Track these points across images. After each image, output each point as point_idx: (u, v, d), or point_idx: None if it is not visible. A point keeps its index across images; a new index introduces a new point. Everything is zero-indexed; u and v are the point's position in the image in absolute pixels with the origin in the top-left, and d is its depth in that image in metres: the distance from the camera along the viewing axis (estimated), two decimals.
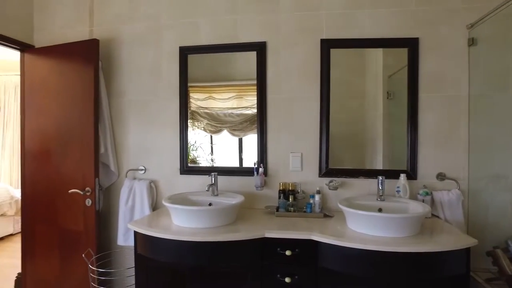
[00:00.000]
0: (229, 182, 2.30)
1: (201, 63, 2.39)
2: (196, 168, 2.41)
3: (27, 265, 2.62)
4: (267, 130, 2.27)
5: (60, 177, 2.45)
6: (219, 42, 2.32)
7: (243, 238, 1.70)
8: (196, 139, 2.42)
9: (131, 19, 2.49)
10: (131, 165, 2.51)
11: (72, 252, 2.38)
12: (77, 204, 2.36)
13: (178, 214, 1.85)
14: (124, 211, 2.40)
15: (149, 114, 2.47)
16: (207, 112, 2.40)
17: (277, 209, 2.08)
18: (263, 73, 2.25)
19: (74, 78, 2.39)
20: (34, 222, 2.58)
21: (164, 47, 2.43)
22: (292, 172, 2.23)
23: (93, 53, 2.31)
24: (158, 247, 1.79)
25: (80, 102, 2.36)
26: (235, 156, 2.38)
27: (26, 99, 2.61)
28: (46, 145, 2.53)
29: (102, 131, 2.43)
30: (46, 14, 2.65)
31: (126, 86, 2.51)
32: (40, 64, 2.55)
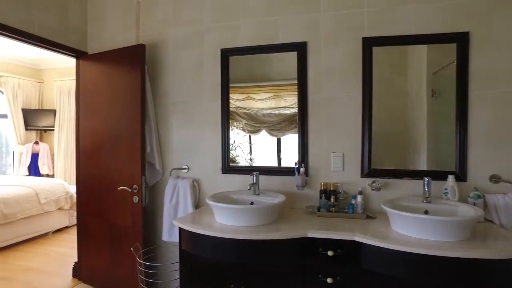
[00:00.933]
0: (268, 182, 2.33)
1: (240, 64, 2.44)
2: (237, 167, 2.46)
3: (82, 254, 2.83)
4: (308, 130, 2.26)
5: (110, 174, 2.62)
6: (259, 43, 2.35)
7: (284, 237, 1.71)
8: (235, 139, 2.47)
9: (174, 24, 2.60)
10: (175, 164, 2.61)
11: (121, 245, 2.53)
12: (125, 201, 2.51)
13: (221, 212, 1.91)
14: (169, 209, 2.51)
15: (192, 115, 2.56)
16: (246, 112, 2.45)
17: (318, 209, 2.08)
18: (304, 73, 2.25)
19: (122, 81, 2.55)
20: (88, 216, 2.78)
21: (206, 49, 2.51)
22: (333, 172, 2.21)
23: (140, 57, 2.44)
24: (202, 243, 1.86)
25: (128, 104, 2.50)
26: (274, 156, 2.41)
27: (80, 102, 2.82)
28: (97, 144, 2.71)
29: (148, 131, 2.56)
30: (98, 23, 2.84)
31: (170, 88, 2.62)
32: (92, 69, 2.74)
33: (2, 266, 3.20)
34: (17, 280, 2.91)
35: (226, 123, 2.46)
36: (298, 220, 1.97)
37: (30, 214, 3.82)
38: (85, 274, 2.81)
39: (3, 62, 5.45)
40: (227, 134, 2.46)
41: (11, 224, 3.63)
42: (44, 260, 3.35)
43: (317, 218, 2.00)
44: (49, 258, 3.41)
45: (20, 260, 3.37)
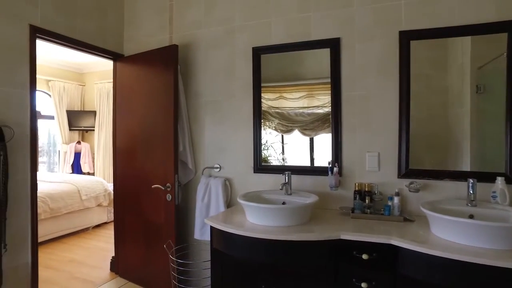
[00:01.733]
0: (301, 181, 2.29)
1: (272, 63, 2.42)
2: (269, 166, 2.44)
3: (119, 249, 2.95)
4: (342, 129, 2.19)
5: (144, 173, 2.70)
6: (291, 40, 2.32)
7: (317, 238, 1.67)
8: (267, 138, 2.46)
9: (206, 24, 2.63)
10: (207, 163, 2.64)
11: (155, 242, 2.60)
12: (159, 198, 2.57)
13: (252, 212, 1.90)
14: (201, 207, 2.55)
15: (224, 114, 2.57)
16: (278, 111, 2.42)
17: (352, 211, 2.01)
18: (337, 70, 2.19)
19: (156, 81, 2.61)
20: (124, 212, 2.89)
21: (237, 48, 2.51)
22: (368, 172, 2.13)
23: (173, 58, 2.49)
24: (233, 242, 1.85)
25: (161, 103, 2.56)
26: (306, 156, 2.36)
27: (117, 103, 2.93)
28: (133, 143, 2.80)
29: (181, 131, 2.61)
30: (133, 26, 2.94)
31: (202, 87, 2.66)
32: (128, 71, 2.84)
33: (49, 256, 3.41)
34: (62, 270, 3.09)
35: (258, 122, 2.44)
36: (331, 221, 1.91)
37: (73, 209, 4.05)
38: (121, 268, 2.92)
39: (50, 67, 5.82)
40: (259, 133, 2.45)
41: (56, 218, 3.86)
42: (85, 253, 3.53)
43: (351, 219, 1.93)
44: (89, 251, 3.59)
45: (64, 251, 3.57)
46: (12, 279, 2.09)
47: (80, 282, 2.84)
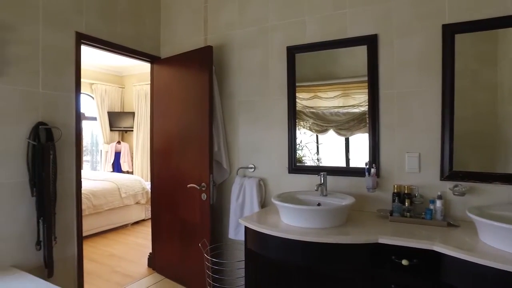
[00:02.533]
0: (336, 182, 2.23)
1: (306, 62, 2.38)
2: (303, 167, 2.41)
3: (156, 246, 3.04)
4: (380, 128, 2.12)
5: (180, 172, 2.77)
6: (326, 39, 2.27)
7: (354, 241, 1.62)
8: (302, 138, 2.42)
9: (240, 24, 2.65)
10: (242, 163, 2.66)
11: (190, 240, 2.65)
12: (194, 198, 2.62)
13: (287, 213, 1.88)
14: (235, 207, 2.57)
15: (258, 114, 2.58)
16: (313, 111, 2.38)
17: (391, 213, 1.93)
18: (375, 68, 2.11)
19: (191, 83, 2.67)
20: (160, 210, 2.98)
21: (271, 48, 2.50)
22: (408, 173, 2.03)
23: (207, 59, 2.53)
24: (267, 243, 1.85)
25: (196, 104, 2.61)
26: (341, 156, 2.30)
27: (154, 104, 3.03)
28: (169, 144, 2.88)
29: (216, 131, 2.64)
30: (169, 28, 3.03)
31: (236, 87, 2.68)
32: (165, 73, 2.93)
33: (92, 250, 3.60)
34: (103, 264, 3.25)
35: (293, 122, 2.42)
36: (368, 224, 1.85)
37: (113, 206, 4.25)
38: (158, 264, 3.02)
39: (93, 71, 6.15)
40: (294, 133, 2.42)
41: (98, 214, 4.07)
42: (124, 248, 3.68)
43: (390, 223, 1.86)
44: (128, 247, 3.74)
45: (106, 246, 3.76)
46: (61, 270, 2.22)
47: (120, 276, 2.97)
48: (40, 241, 2.08)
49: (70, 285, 2.29)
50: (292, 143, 2.42)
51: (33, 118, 2.07)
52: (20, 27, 2.02)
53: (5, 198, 1.96)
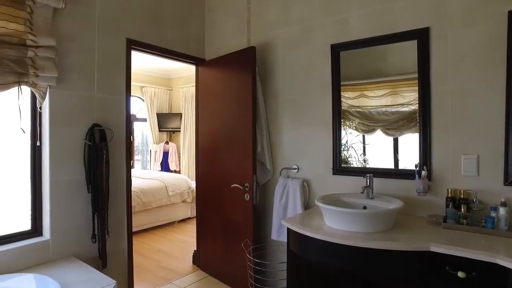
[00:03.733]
0: (384, 185, 2.12)
1: (351, 61, 2.30)
2: (349, 168, 2.33)
3: (200, 244, 3.12)
4: (432, 128, 1.97)
5: (224, 172, 2.81)
6: (372, 35, 2.17)
7: (402, 248, 1.52)
8: (347, 138, 2.34)
9: (283, 23, 2.62)
10: (285, 163, 2.63)
11: (234, 239, 2.68)
12: (237, 198, 2.65)
13: (330, 215, 1.82)
14: (278, 208, 2.55)
15: (302, 114, 2.53)
16: (359, 110, 2.29)
17: (444, 220, 1.79)
18: (426, 64, 1.97)
19: (234, 83, 2.70)
20: (205, 209, 3.05)
21: (315, 46, 2.45)
22: (464, 177, 1.87)
23: (250, 60, 2.54)
24: (309, 246, 1.80)
25: (240, 105, 2.63)
26: (389, 157, 2.18)
27: (199, 105, 3.11)
28: (213, 144, 2.94)
29: (259, 131, 2.64)
30: (213, 31, 3.09)
31: (280, 87, 2.66)
32: (209, 74, 3.00)
33: (141, 245, 3.79)
34: (151, 258, 3.40)
35: (338, 122, 2.35)
36: (418, 230, 1.73)
37: (161, 204, 4.44)
38: (202, 262, 3.09)
39: (143, 74, 6.49)
40: (339, 133, 2.35)
41: (147, 211, 4.28)
42: (170, 245, 3.83)
43: (443, 230, 1.72)
44: (174, 243, 3.89)
45: (154, 242, 3.94)
46: (114, 262, 2.36)
47: (166, 271, 3.09)
48: (95, 235, 2.23)
49: (121, 277, 2.42)
50: (337, 143, 2.35)
51: (89, 120, 2.23)
52: (79, 37, 2.19)
53: (66, 194, 2.13)
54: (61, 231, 2.10)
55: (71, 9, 2.13)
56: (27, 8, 1.92)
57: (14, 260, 1.90)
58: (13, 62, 1.85)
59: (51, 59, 1.99)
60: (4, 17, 1.83)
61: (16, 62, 1.86)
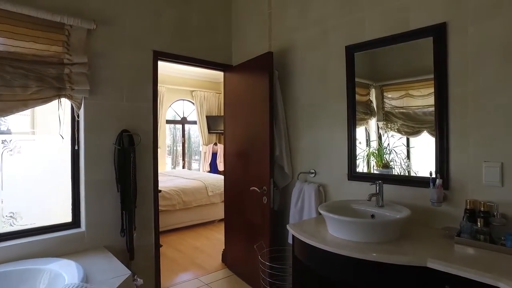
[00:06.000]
0: (399, 192, 2.00)
1: (393, 58, 2.14)
2: (363, 174, 2.23)
3: (227, 244, 3.24)
4: (449, 132, 1.81)
5: (245, 175, 2.89)
6: (388, 33, 2.05)
7: (396, 262, 1.44)
8: (389, 142, 2.18)
9: (301, 27, 2.61)
10: (303, 167, 2.62)
11: (253, 241, 2.74)
12: (256, 200, 2.70)
13: (331, 223, 1.78)
14: (294, 212, 2.54)
15: (319, 118, 2.50)
16: (403, 111, 2.15)
17: (458, 234, 1.63)
18: (442, 62, 1.81)
19: (254, 88, 2.76)
20: (230, 211, 3.16)
21: (331, 49, 2.40)
22: (485, 187, 1.68)
23: (267, 65, 2.57)
24: (308, 252, 1.79)
25: (258, 109, 2.68)
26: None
27: (226, 110, 3.23)
28: (237, 147, 3.04)
29: (278, 135, 2.66)
30: (239, 37, 3.19)
31: (298, 91, 2.65)
32: (234, 80, 3.10)
33: (179, 241, 4.05)
34: (186, 254, 3.63)
35: (352, 125, 2.27)
36: (426, 243, 1.61)
37: (201, 203, 4.67)
38: (229, 261, 3.21)
39: (193, 79, 6.88)
40: (354, 137, 2.27)
41: (188, 210, 4.55)
42: (207, 243, 4.03)
43: (455, 245, 1.57)
44: (210, 241, 4.08)
45: (192, 239, 4.18)
46: (141, 255, 2.59)
47: (196, 267, 3.27)
48: (124, 229, 2.47)
49: (148, 268, 2.64)
50: (351, 148, 2.27)
51: (119, 126, 2.48)
52: (109, 53, 2.45)
53: (98, 192, 2.40)
54: (94, 225, 2.38)
55: (102, 28, 2.39)
56: (65, 32, 2.21)
57: (58, 246, 2.21)
58: (53, 78, 2.15)
59: (84, 74, 2.27)
60: (47, 42, 2.15)
61: (56, 79, 2.16)
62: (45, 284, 1.89)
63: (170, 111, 7.01)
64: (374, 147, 2.26)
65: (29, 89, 2.06)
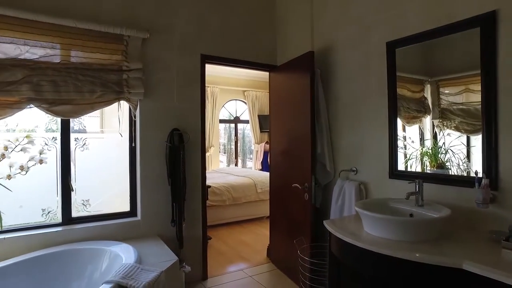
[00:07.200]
0: (442, 192, 1.91)
1: (449, 51, 1.99)
2: (405, 173, 2.16)
3: (272, 239, 3.33)
4: (498, 128, 1.68)
5: (288, 172, 2.95)
6: (432, 26, 1.96)
7: (429, 261, 1.40)
8: (445, 141, 2.05)
9: (342, 24, 2.60)
10: (345, 165, 2.60)
11: (295, 237, 2.79)
12: (298, 197, 2.75)
13: (366, 221, 1.78)
14: (334, 209, 2.54)
15: (360, 115, 2.47)
16: (463, 108, 2.03)
17: (506, 239, 1.51)
18: (490, 54, 1.69)
19: (296, 87, 2.81)
20: (276, 207, 3.24)
21: (371, 45, 2.36)
22: None
23: (309, 64, 2.61)
24: (343, 249, 1.80)
25: (300, 107, 2.73)
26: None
27: (271, 110, 3.32)
28: (281, 145, 3.11)
29: (320, 133, 2.68)
30: (283, 38, 3.26)
31: (340, 89, 2.64)
32: (277, 79, 3.18)
33: (228, 235, 4.24)
34: (233, 248, 3.79)
35: (394, 122, 2.21)
36: (467, 245, 1.53)
37: (250, 200, 4.82)
38: (273, 256, 3.29)
39: (245, 79, 7.09)
40: (395, 134, 2.21)
41: (237, 206, 4.73)
42: (254, 238, 4.16)
43: (501, 250, 1.47)
44: (258, 236, 4.20)
45: (240, 233, 4.34)
46: (190, 244, 2.80)
47: (242, 259, 3.41)
48: (174, 220, 2.69)
49: (196, 258, 2.85)
50: (393, 145, 2.21)
51: (170, 125, 2.71)
52: (161, 58, 2.69)
53: (152, 186, 2.66)
54: (148, 215, 2.64)
55: (155, 37, 2.64)
56: (124, 42, 2.49)
57: (117, 232, 2.51)
58: (114, 83, 2.45)
59: (139, 79, 2.53)
60: (110, 52, 2.45)
61: (116, 84, 2.45)
62: (107, 262, 2.17)
63: (224, 111, 7.31)
64: (428, 147, 2.16)
65: (95, 93, 2.37)
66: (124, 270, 1.83)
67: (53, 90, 2.21)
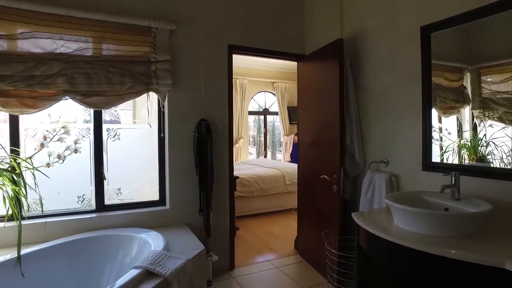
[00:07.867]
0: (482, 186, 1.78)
1: (494, 35, 1.83)
2: (440, 164, 2.03)
3: (300, 231, 3.31)
4: None
5: (316, 163, 2.89)
6: (472, 7, 1.81)
7: (465, 259, 1.30)
8: (486, 132, 1.91)
9: (372, 11, 2.49)
10: (375, 157, 2.51)
11: (323, 229, 2.73)
12: (327, 188, 2.69)
13: (396, 213, 1.70)
14: (364, 201, 2.46)
15: (390, 105, 2.36)
16: (508, 97, 1.88)
17: None
18: None
19: (325, 76, 2.73)
20: (304, 198, 3.20)
21: (402, 32, 2.23)
22: None
23: (337, 52, 2.52)
24: (371, 242, 1.74)
25: (329, 97, 2.65)
26: None
27: (299, 100, 3.26)
28: (309, 136, 3.05)
29: (349, 124, 2.60)
30: (312, 27, 3.17)
31: (370, 78, 2.53)
32: (306, 69, 3.10)
33: (256, 226, 4.26)
34: (260, 238, 3.80)
35: (428, 112, 2.08)
36: (508, 243, 1.41)
37: (278, 191, 4.80)
38: (300, 248, 3.26)
39: (273, 71, 7.02)
40: (430, 125, 2.08)
41: (265, 197, 4.73)
42: (282, 229, 4.14)
43: None
44: (285, 228, 4.18)
45: (268, 225, 4.34)
46: (217, 234, 2.84)
47: (269, 251, 3.41)
48: (202, 209, 2.73)
49: (223, 247, 2.88)
50: (427, 136, 2.08)
51: (197, 116, 2.74)
52: (188, 49, 2.71)
53: (180, 175, 2.71)
54: (177, 204, 2.70)
55: (182, 28, 2.66)
56: (152, 34, 2.53)
57: (147, 219, 2.58)
58: (143, 75, 2.50)
59: (167, 70, 2.56)
60: (139, 44, 2.50)
61: (145, 75, 2.50)
62: (136, 249, 2.25)
63: (253, 103, 7.30)
64: (466, 139, 2.01)
65: (125, 85, 2.43)
66: (152, 256, 1.88)
67: (86, 82, 2.30)
